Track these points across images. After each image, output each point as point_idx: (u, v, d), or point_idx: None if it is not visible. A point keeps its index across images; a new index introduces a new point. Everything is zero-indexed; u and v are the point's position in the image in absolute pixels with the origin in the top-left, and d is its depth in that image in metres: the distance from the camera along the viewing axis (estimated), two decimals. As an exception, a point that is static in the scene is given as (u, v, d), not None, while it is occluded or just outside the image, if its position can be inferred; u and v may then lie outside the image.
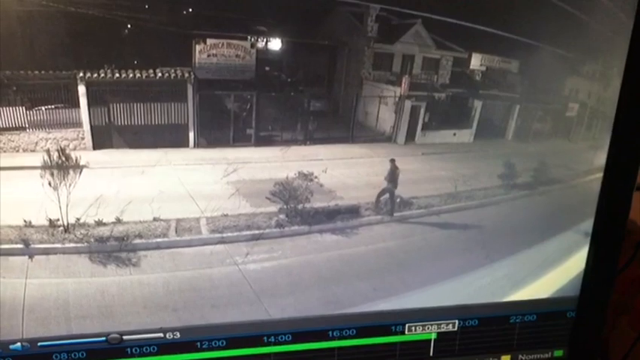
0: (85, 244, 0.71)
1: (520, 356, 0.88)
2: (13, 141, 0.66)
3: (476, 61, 0.74)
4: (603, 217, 0.82)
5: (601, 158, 0.80)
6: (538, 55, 0.74)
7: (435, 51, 0.73)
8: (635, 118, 0.77)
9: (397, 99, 0.75)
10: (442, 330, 0.84)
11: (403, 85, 0.74)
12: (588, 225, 0.83)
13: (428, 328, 0.84)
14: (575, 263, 0.85)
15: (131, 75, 0.66)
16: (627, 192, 0.80)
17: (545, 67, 0.74)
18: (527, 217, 0.82)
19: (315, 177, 0.74)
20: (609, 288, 0.86)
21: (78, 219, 0.69)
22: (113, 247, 0.71)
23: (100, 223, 0.70)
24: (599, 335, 0.90)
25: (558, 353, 0.89)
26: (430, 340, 0.84)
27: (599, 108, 0.77)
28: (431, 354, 0.85)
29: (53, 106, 0.66)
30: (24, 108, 0.65)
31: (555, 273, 0.85)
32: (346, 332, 0.81)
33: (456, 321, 0.84)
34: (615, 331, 1.07)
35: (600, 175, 0.80)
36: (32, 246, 0.70)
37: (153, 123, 0.69)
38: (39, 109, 0.66)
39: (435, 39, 0.73)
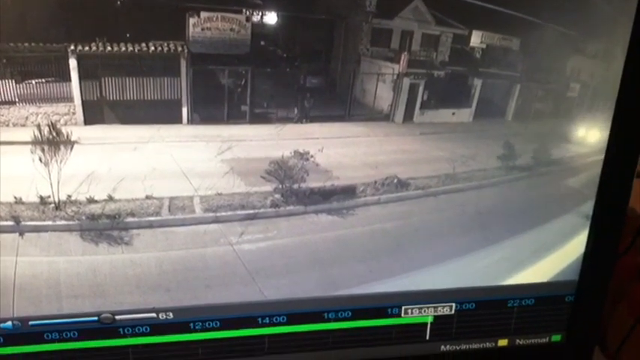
0: (77, 221, 0.71)
1: (517, 340, 0.89)
2: (2, 115, 0.66)
3: (476, 39, 0.73)
4: (604, 201, 0.82)
5: (602, 140, 0.79)
6: (540, 33, 0.74)
7: (434, 27, 0.73)
8: (637, 102, 0.76)
9: (395, 76, 0.74)
10: (439, 313, 0.85)
11: (402, 62, 0.74)
12: (588, 207, 0.83)
13: (424, 311, 0.84)
14: (575, 247, 0.85)
15: (123, 48, 0.66)
16: (628, 176, 0.80)
17: (547, 46, 0.74)
18: (527, 199, 0.82)
19: (311, 156, 0.74)
20: (609, 273, 0.86)
21: (69, 196, 0.69)
22: (105, 225, 0.71)
23: (91, 201, 0.70)
24: (598, 320, 0.90)
25: (556, 338, 0.90)
26: (426, 323, 0.85)
27: (601, 89, 0.77)
28: (427, 337, 0.86)
29: (44, 80, 0.66)
30: (14, 81, 0.65)
31: (554, 256, 0.86)
32: (341, 314, 0.81)
33: (453, 304, 0.84)
34: (613, 318, 1.08)
35: (601, 157, 0.80)
36: (23, 223, 0.70)
37: (145, 98, 0.69)
38: (29, 83, 0.65)
39: (435, 15, 0.72)
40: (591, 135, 0.80)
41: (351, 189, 0.78)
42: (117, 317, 0.76)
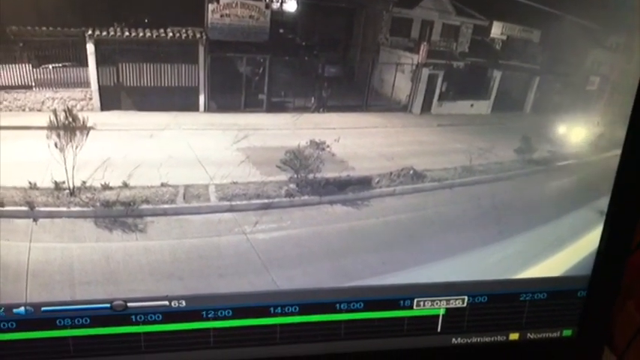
0: (91, 208, 0.71)
1: (529, 335, 0.89)
2: (19, 100, 0.65)
3: (497, 30, 0.73)
4: (619, 198, 0.82)
5: (619, 135, 0.79)
6: (560, 25, 0.73)
7: (455, 17, 0.73)
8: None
9: (414, 67, 0.74)
10: (451, 306, 0.85)
11: (421, 52, 0.73)
12: (603, 203, 0.83)
13: (436, 303, 0.84)
14: (588, 242, 0.85)
15: (141, 34, 0.65)
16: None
17: (568, 38, 0.74)
18: (542, 193, 0.82)
19: (327, 146, 0.74)
20: (621, 269, 0.87)
21: (84, 182, 0.69)
22: (119, 212, 0.71)
23: (106, 187, 0.70)
24: (609, 316, 0.90)
25: (567, 333, 0.90)
26: (438, 315, 0.85)
27: (620, 82, 0.76)
28: (439, 330, 0.86)
29: (61, 65, 0.65)
30: (30, 66, 0.65)
31: (568, 251, 0.86)
32: (354, 305, 0.81)
33: (466, 297, 0.84)
34: (621, 316, 1.08)
35: (618, 152, 0.80)
36: (37, 209, 0.70)
37: (162, 85, 0.69)
38: (46, 67, 0.65)
39: (456, 5, 0.72)
40: (609, 130, 0.80)
41: (367, 180, 0.77)
42: (129, 304, 0.76)
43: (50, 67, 0.66)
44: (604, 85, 0.77)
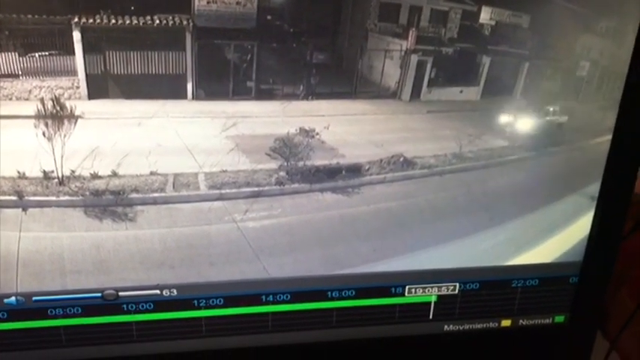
0: (80, 197, 0.71)
1: (521, 321, 0.90)
2: (5, 88, 0.66)
3: (485, 15, 0.73)
4: (610, 183, 0.82)
5: (610, 121, 0.79)
6: (550, 10, 0.73)
7: (443, 3, 0.73)
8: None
9: (403, 53, 0.74)
10: (442, 293, 0.85)
11: (410, 38, 0.73)
12: (594, 189, 0.83)
13: (428, 290, 0.84)
14: (580, 228, 0.86)
15: (128, 21, 0.65)
16: (635, 158, 0.80)
17: (557, 23, 0.74)
18: (533, 179, 0.82)
19: (317, 133, 0.74)
20: (613, 254, 0.87)
21: (73, 171, 0.69)
22: (109, 201, 0.72)
23: (95, 176, 0.70)
24: (601, 302, 0.90)
25: (559, 319, 0.91)
26: (430, 302, 0.85)
27: (610, 67, 0.76)
28: (430, 317, 0.86)
29: (47, 53, 0.65)
30: (17, 54, 0.65)
31: (559, 237, 0.86)
32: (345, 293, 0.82)
33: (457, 284, 0.85)
34: (614, 303, 1.08)
35: (608, 137, 0.80)
36: (26, 198, 0.70)
37: (150, 72, 0.69)
38: (32, 56, 0.65)
39: (444, -10, 0.72)
40: (599, 115, 0.80)
41: (357, 167, 0.78)
42: (120, 294, 0.77)
43: (37, 55, 0.66)
44: (594, 70, 0.77)
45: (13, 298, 0.75)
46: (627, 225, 0.92)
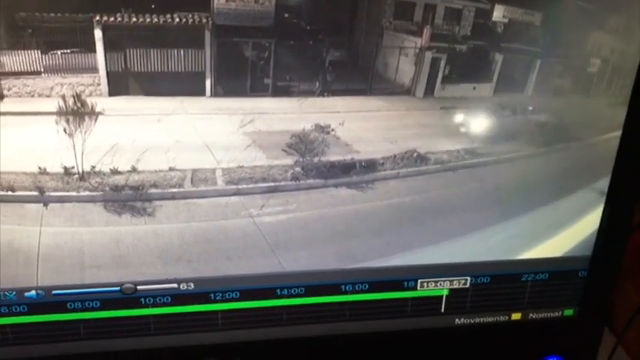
0: (100, 192, 0.72)
1: (530, 314, 0.91)
2: (28, 85, 0.67)
3: (498, 13, 0.74)
4: (619, 178, 0.83)
5: (619, 117, 0.80)
6: (562, 8, 0.75)
7: (457, 1, 0.74)
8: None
9: (417, 50, 0.75)
10: (454, 287, 0.87)
11: (424, 35, 0.74)
12: (604, 184, 0.84)
13: (440, 284, 0.86)
14: (589, 223, 0.87)
15: (148, 20, 0.66)
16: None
17: (569, 21, 0.75)
18: (544, 174, 0.84)
19: (332, 130, 0.75)
20: (622, 248, 0.88)
21: (93, 167, 0.71)
22: (128, 196, 0.73)
23: (115, 172, 0.71)
24: (610, 296, 0.92)
25: (568, 312, 0.92)
26: (442, 296, 0.87)
27: (620, 64, 0.78)
28: (442, 310, 0.88)
29: (69, 51, 0.67)
30: (39, 52, 0.66)
31: (569, 232, 0.88)
32: (359, 287, 0.83)
33: (468, 278, 0.86)
34: (621, 296, 1.10)
35: (618, 133, 0.81)
36: (47, 194, 0.71)
37: (169, 70, 0.70)
38: (54, 54, 0.66)
39: (458, -12, 0.73)
40: (609, 111, 0.81)
41: (371, 163, 0.79)
42: (139, 287, 0.78)
43: (59, 53, 0.67)
44: (604, 67, 0.79)
45: (33, 292, 0.76)
46: (635, 219, 0.93)
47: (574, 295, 0.93)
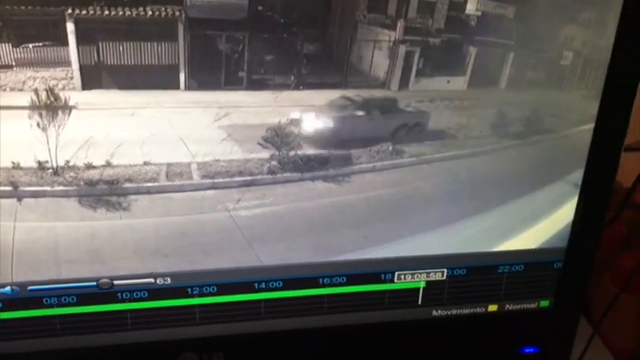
0: (75, 187, 0.72)
1: (507, 306, 0.92)
2: (-1, 79, 0.66)
3: (472, 6, 0.75)
4: (593, 170, 0.84)
5: (592, 109, 0.81)
6: (534, 1, 0.75)
7: (431, -6, 0.74)
8: (627, 73, 0.79)
9: (392, 43, 0.75)
10: (431, 279, 0.87)
11: (398, 28, 0.75)
12: (578, 176, 0.86)
13: (417, 276, 0.87)
14: (564, 214, 0.88)
15: (121, 13, 0.66)
16: (617, 145, 0.83)
17: (541, 14, 0.76)
18: (518, 166, 0.85)
19: (308, 123, 0.75)
20: (596, 240, 0.90)
21: (67, 161, 0.70)
22: (103, 190, 0.73)
23: (89, 166, 0.71)
24: (585, 286, 0.93)
25: (544, 303, 0.93)
26: (419, 288, 0.88)
27: (592, 57, 0.79)
28: (419, 302, 0.88)
29: (41, 44, 0.66)
30: (10, 45, 0.66)
31: (544, 223, 0.89)
32: (336, 279, 0.84)
33: (445, 270, 0.87)
34: (598, 287, 1.11)
35: (591, 125, 0.82)
36: (21, 188, 0.71)
37: (143, 63, 0.70)
38: (26, 47, 0.66)
39: (431, -19, 0.73)
40: (582, 104, 0.82)
41: (347, 156, 0.79)
42: (115, 282, 0.78)
43: (30, 46, 0.67)
44: (577, 60, 0.80)
45: (8, 288, 0.76)
46: (610, 213, 0.95)
47: (550, 287, 0.94)
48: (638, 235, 1.18)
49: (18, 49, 0.68)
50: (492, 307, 0.94)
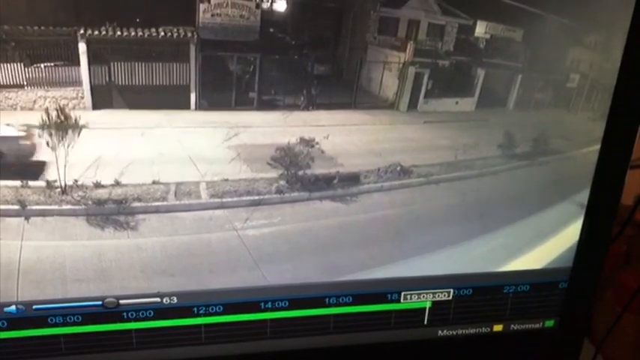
0: (83, 206, 0.72)
1: (512, 326, 0.92)
2: (10, 99, 0.67)
3: (481, 29, 0.76)
4: (598, 191, 0.85)
5: (598, 131, 0.82)
6: (542, 24, 0.77)
7: (440, 17, 0.75)
8: (633, 95, 0.80)
9: (401, 65, 0.76)
10: (437, 299, 0.88)
11: (408, 50, 0.76)
12: (583, 196, 0.86)
13: (423, 296, 0.87)
14: (570, 235, 0.89)
15: (133, 33, 0.67)
16: (622, 167, 0.84)
17: (549, 37, 0.77)
18: (525, 187, 0.85)
19: (317, 143, 0.76)
20: (602, 260, 0.90)
21: (76, 180, 0.71)
22: (111, 209, 0.73)
23: (98, 185, 0.71)
24: (590, 307, 0.93)
25: (549, 323, 0.94)
26: (425, 308, 0.88)
27: (599, 79, 0.80)
28: (425, 322, 0.89)
29: (52, 64, 0.67)
30: (22, 65, 0.66)
31: (550, 244, 0.89)
32: (343, 299, 0.84)
33: (451, 290, 0.88)
34: (600, 306, 1.12)
35: (597, 147, 0.83)
36: (29, 207, 0.71)
37: (154, 83, 0.70)
38: (38, 67, 0.66)
39: (441, 4, 0.75)
40: (588, 126, 0.83)
41: (355, 176, 0.80)
42: (121, 302, 0.78)
43: (42, 66, 0.67)
44: (583, 82, 0.81)
45: (13, 307, 0.75)
46: (613, 230, 0.95)
47: (555, 307, 0.94)
48: (639, 252, 1.19)
49: (30, 69, 0.68)
50: (497, 327, 0.94)
